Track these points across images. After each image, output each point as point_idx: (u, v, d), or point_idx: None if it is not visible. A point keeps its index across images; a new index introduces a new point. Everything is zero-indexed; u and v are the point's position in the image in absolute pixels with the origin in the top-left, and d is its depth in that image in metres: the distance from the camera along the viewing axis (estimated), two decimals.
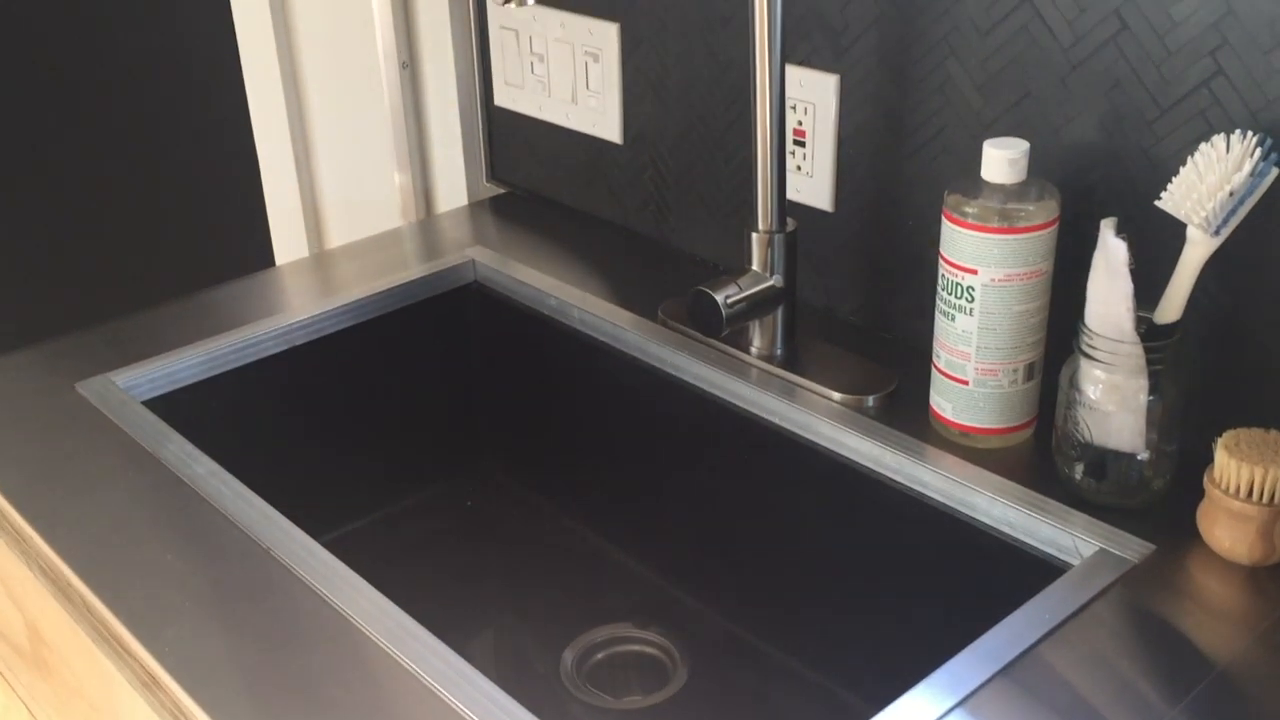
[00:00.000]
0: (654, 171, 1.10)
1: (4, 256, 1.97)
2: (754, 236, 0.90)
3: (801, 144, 0.96)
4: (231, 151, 1.57)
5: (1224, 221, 0.69)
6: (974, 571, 0.79)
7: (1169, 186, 0.71)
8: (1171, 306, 0.72)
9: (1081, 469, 0.76)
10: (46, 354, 0.96)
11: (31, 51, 1.86)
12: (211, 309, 1.02)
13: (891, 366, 0.90)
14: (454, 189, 1.30)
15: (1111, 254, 0.70)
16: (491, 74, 1.21)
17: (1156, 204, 0.71)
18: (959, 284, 0.78)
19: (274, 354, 0.99)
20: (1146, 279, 0.71)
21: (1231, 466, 0.69)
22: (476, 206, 1.24)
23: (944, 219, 0.78)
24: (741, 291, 0.89)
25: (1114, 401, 0.73)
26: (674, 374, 0.95)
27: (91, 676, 0.74)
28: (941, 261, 0.79)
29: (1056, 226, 0.77)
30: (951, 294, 0.79)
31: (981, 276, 0.77)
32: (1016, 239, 0.75)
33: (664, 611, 1.00)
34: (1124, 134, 0.77)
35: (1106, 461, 0.75)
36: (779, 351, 0.93)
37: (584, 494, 1.09)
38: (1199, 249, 0.71)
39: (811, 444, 0.87)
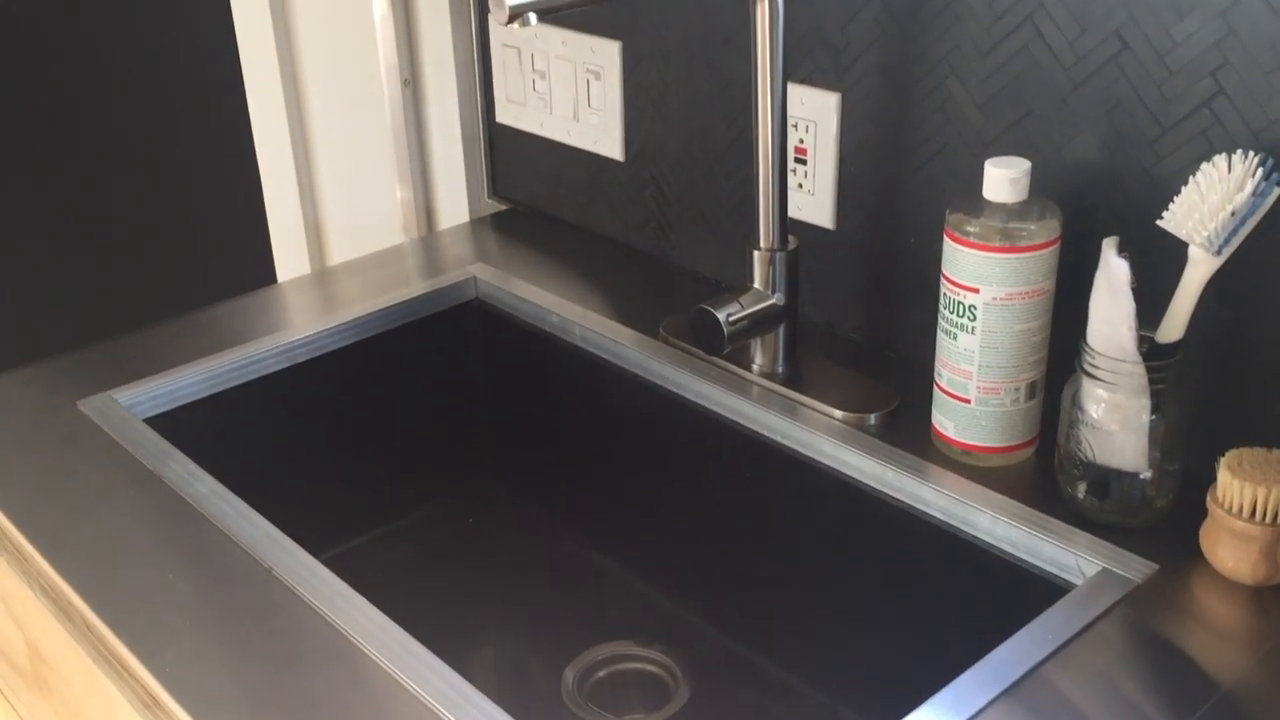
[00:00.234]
0: (655, 188, 1.10)
1: (6, 274, 1.97)
2: (755, 254, 0.90)
3: (803, 162, 0.96)
4: (233, 168, 1.57)
5: (1226, 241, 0.69)
6: (976, 590, 0.79)
7: (1170, 206, 0.71)
8: (1174, 326, 0.72)
9: (1084, 488, 0.76)
10: (48, 371, 0.96)
11: (33, 66, 1.86)
12: (213, 326, 1.02)
13: (893, 384, 0.90)
14: (456, 205, 1.30)
15: (1113, 273, 0.70)
16: (493, 91, 1.21)
17: (1158, 223, 0.71)
18: (961, 303, 0.78)
19: (276, 371, 0.99)
20: (1148, 298, 0.71)
21: (1234, 486, 0.69)
22: (478, 223, 1.25)
23: (946, 238, 0.78)
24: (743, 309, 0.89)
25: (1116, 421, 0.73)
26: (675, 391, 0.95)
27: (92, 697, 0.74)
28: (943, 280, 0.79)
29: (1058, 245, 0.77)
30: (953, 312, 0.79)
31: (983, 295, 0.77)
32: (1018, 258, 0.75)
33: (666, 629, 0.99)
34: (1125, 153, 0.77)
35: (1109, 480, 0.75)
36: (781, 369, 0.93)
37: (585, 511, 1.09)
38: (1201, 268, 0.71)
39: (813, 462, 0.86)
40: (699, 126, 1.04)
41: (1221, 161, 0.70)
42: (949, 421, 0.82)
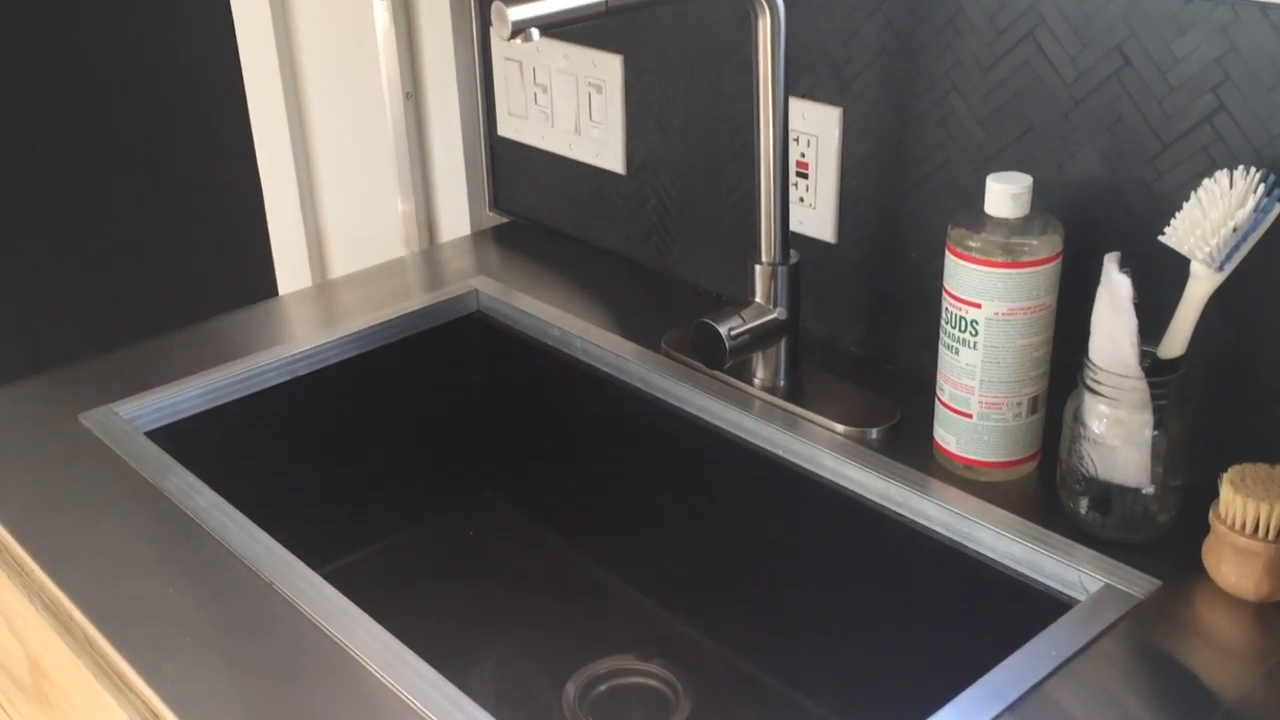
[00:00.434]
0: (657, 202, 1.10)
1: (6, 286, 1.97)
2: (757, 269, 0.90)
3: (804, 176, 0.96)
4: (235, 180, 1.57)
5: (1228, 257, 0.69)
6: (978, 606, 0.79)
7: (1172, 222, 0.71)
8: (1176, 341, 0.72)
9: (1086, 503, 0.76)
10: (49, 384, 0.96)
11: (35, 73, 1.86)
12: (214, 338, 1.02)
13: (895, 399, 0.90)
14: (457, 218, 1.31)
15: (1115, 289, 0.70)
16: (495, 104, 1.22)
17: (1160, 239, 0.71)
18: (963, 318, 0.78)
19: (277, 384, 0.99)
20: (1150, 313, 0.71)
21: (1237, 502, 0.68)
22: (480, 236, 1.25)
23: (947, 253, 0.78)
24: (745, 324, 0.89)
25: (1119, 436, 0.73)
26: (677, 405, 0.95)
27: (92, 711, 0.74)
28: (945, 295, 0.79)
29: (1060, 261, 0.77)
30: (955, 327, 0.79)
31: (985, 310, 0.77)
32: (1020, 273, 0.76)
33: (667, 643, 0.99)
34: (1127, 169, 0.77)
35: (1111, 496, 0.74)
36: (782, 383, 0.93)
37: (587, 525, 1.09)
38: (1203, 284, 0.71)
39: (815, 476, 0.86)
40: (701, 140, 1.04)
41: (1223, 177, 0.70)
42: (951, 436, 0.82)
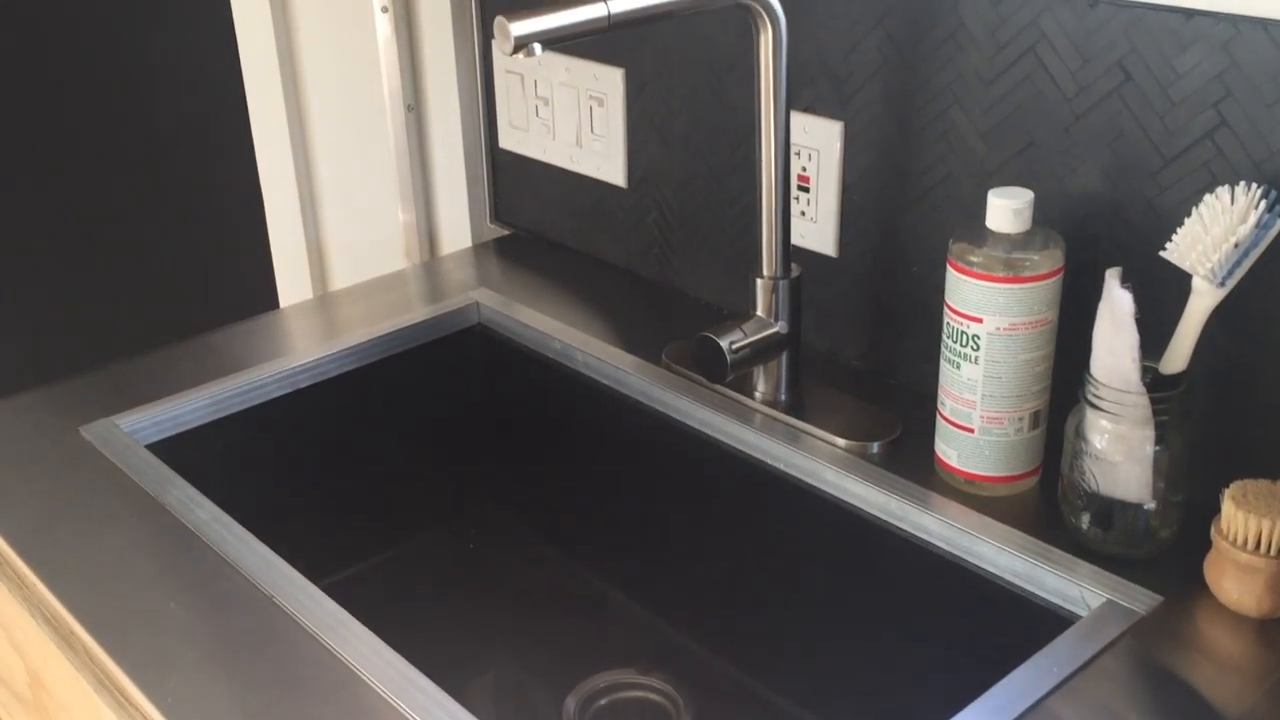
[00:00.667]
0: (658, 215, 1.10)
1: (7, 298, 1.97)
2: (759, 282, 0.90)
3: (806, 189, 0.96)
4: (236, 192, 1.57)
5: (1230, 273, 0.69)
6: (979, 621, 0.79)
7: (1174, 237, 0.71)
8: (1177, 356, 0.72)
9: (1088, 519, 0.76)
10: (50, 397, 0.96)
11: (38, 85, 1.87)
12: (215, 351, 1.02)
13: (896, 413, 0.90)
14: (458, 231, 1.31)
15: (1117, 304, 0.70)
16: (496, 117, 1.22)
17: (1161, 254, 0.71)
18: (964, 332, 0.78)
19: (277, 397, 0.99)
20: (1152, 328, 0.71)
21: (1239, 518, 0.68)
22: (481, 248, 1.25)
23: (949, 267, 0.78)
24: (746, 337, 0.89)
25: (1120, 451, 0.73)
26: (678, 418, 0.95)
27: None
28: (946, 310, 0.79)
29: (1061, 276, 0.77)
30: (957, 342, 0.79)
31: (987, 325, 0.77)
32: (1022, 288, 0.76)
33: (667, 657, 0.99)
34: (1128, 184, 0.78)
35: (1113, 511, 0.74)
36: (783, 397, 0.93)
37: (587, 538, 1.09)
38: (1205, 299, 0.71)
39: (816, 490, 0.86)
40: (702, 153, 1.04)
41: (1225, 193, 0.70)
42: (952, 450, 0.82)
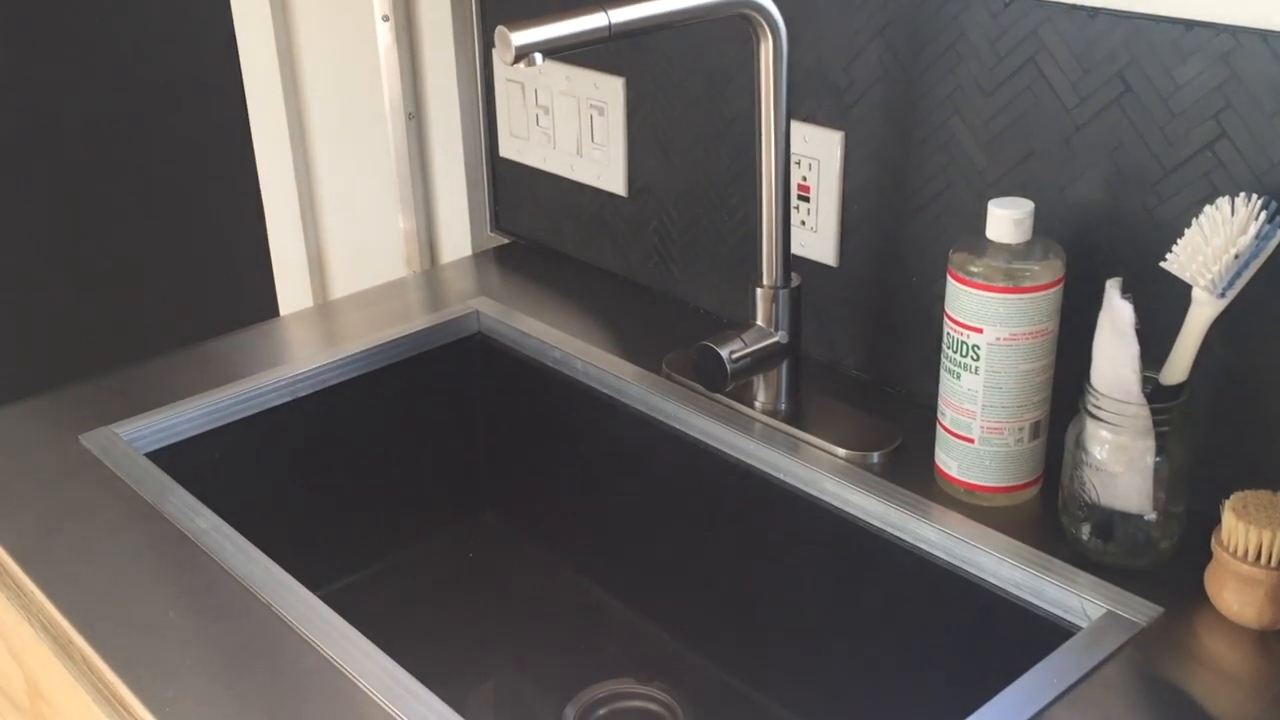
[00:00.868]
0: (658, 224, 1.10)
1: (6, 306, 1.97)
2: (759, 292, 0.90)
3: (806, 199, 0.96)
4: (237, 200, 1.57)
5: (1230, 284, 0.69)
6: (979, 631, 0.79)
7: (1174, 248, 0.71)
8: (1177, 367, 0.72)
9: (1088, 529, 0.75)
10: (49, 405, 0.96)
11: (40, 97, 1.87)
12: (215, 359, 1.02)
13: (895, 422, 0.90)
14: (459, 239, 1.31)
15: (1117, 315, 0.70)
16: (497, 125, 1.22)
17: (1162, 265, 0.71)
18: (964, 342, 0.78)
19: (277, 405, 0.99)
20: (1152, 339, 0.71)
21: (1239, 529, 0.68)
22: (481, 257, 1.25)
23: (949, 278, 0.78)
24: (746, 347, 0.89)
25: (1121, 462, 0.73)
26: (677, 428, 0.95)
27: None
28: (947, 320, 0.79)
29: (1061, 286, 0.77)
30: (957, 352, 0.79)
31: (987, 335, 0.77)
32: (1022, 298, 0.76)
33: (667, 666, 0.99)
34: (1128, 195, 0.78)
35: (1113, 522, 0.74)
36: (783, 406, 0.93)
37: (586, 547, 1.09)
38: (1205, 310, 0.71)
39: (816, 500, 0.86)
40: (702, 163, 1.04)
41: (1225, 204, 0.70)
42: (952, 460, 0.82)
